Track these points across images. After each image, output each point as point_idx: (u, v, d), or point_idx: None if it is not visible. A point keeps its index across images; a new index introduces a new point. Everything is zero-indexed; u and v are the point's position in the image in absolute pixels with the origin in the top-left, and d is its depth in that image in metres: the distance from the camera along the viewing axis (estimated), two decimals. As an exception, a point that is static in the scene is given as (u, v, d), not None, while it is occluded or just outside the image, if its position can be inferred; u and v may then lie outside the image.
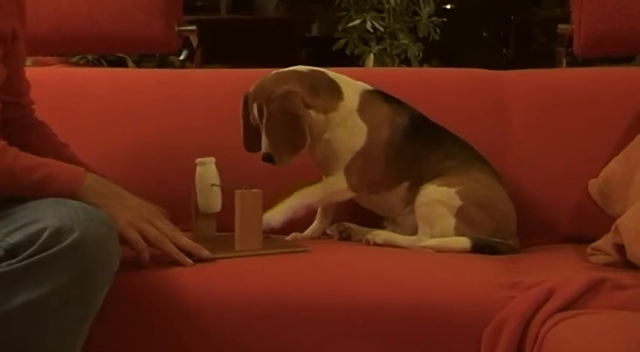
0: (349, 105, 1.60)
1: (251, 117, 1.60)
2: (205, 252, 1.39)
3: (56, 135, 1.58)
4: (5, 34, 1.37)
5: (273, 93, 1.55)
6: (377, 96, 1.63)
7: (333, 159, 1.60)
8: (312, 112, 1.57)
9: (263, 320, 1.30)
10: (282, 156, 1.56)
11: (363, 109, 1.61)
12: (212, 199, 1.57)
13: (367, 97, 1.62)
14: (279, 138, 1.55)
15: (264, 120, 1.55)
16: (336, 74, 1.64)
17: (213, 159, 1.58)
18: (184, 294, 1.32)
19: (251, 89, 1.59)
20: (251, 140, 1.61)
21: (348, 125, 1.60)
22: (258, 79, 1.60)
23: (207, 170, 1.57)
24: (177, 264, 1.36)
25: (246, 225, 1.45)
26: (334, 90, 1.61)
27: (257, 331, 1.30)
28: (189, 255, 1.38)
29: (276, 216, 1.56)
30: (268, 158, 1.57)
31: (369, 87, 1.65)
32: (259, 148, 1.59)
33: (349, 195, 1.62)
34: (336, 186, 1.60)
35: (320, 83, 1.60)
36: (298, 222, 1.67)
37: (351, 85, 1.63)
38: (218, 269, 1.37)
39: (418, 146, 1.61)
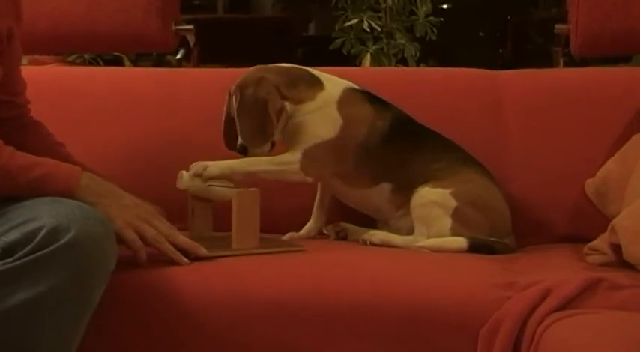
0: (329, 96, 1.60)
1: (231, 111, 1.60)
2: (202, 250, 1.39)
3: (52, 134, 1.58)
4: (1, 33, 1.37)
5: (248, 81, 1.56)
6: (361, 96, 1.63)
7: (295, 140, 1.58)
8: (287, 104, 1.57)
9: (259, 319, 1.30)
10: (254, 144, 1.55)
11: (342, 103, 1.60)
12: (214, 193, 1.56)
13: (350, 94, 1.62)
14: (249, 125, 1.55)
15: (236, 108, 1.56)
16: (320, 73, 1.64)
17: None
18: (181, 293, 1.32)
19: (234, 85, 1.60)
20: (230, 136, 1.60)
21: (323, 113, 1.59)
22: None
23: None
24: (174, 263, 1.36)
25: (243, 224, 1.45)
26: (314, 84, 1.61)
27: (253, 330, 1.30)
28: (186, 254, 1.38)
29: (214, 168, 1.53)
30: (242, 149, 1.57)
31: (355, 85, 1.64)
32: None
33: (298, 177, 1.57)
34: (288, 164, 1.56)
35: (300, 77, 1.61)
36: (294, 222, 1.67)
37: (334, 81, 1.63)
38: (215, 269, 1.37)
39: (398, 150, 1.60)
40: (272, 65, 1.63)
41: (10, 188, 1.30)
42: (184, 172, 1.55)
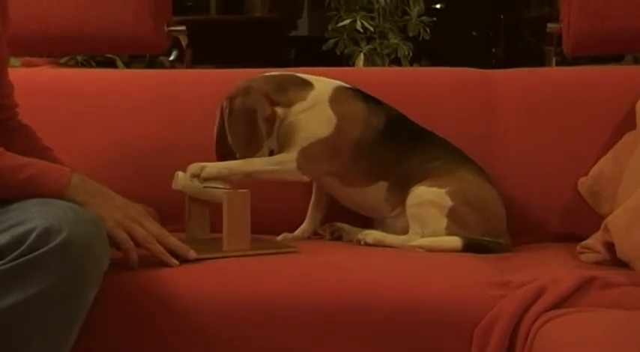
0: (320, 94, 1.60)
1: (224, 125, 1.59)
2: (192, 253, 1.38)
3: (40, 138, 1.57)
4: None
5: (235, 91, 1.57)
6: (353, 94, 1.63)
7: (291, 139, 1.58)
8: (278, 109, 1.57)
9: (250, 320, 1.29)
10: (246, 155, 1.55)
11: (334, 101, 1.60)
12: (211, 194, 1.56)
13: (341, 92, 1.62)
14: (239, 135, 1.55)
15: (226, 120, 1.56)
16: (310, 75, 1.64)
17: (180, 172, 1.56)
18: (172, 294, 1.31)
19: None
20: (223, 149, 1.60)
21: (315, 111, 1.59)
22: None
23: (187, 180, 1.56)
24: (163, 264, 1.36)
25: (234, 226, 1.45)
26: (304, 86, 1.61)
27: (244, 332, 1.29)
28: (176, 256, 1.37)
29: (212, 169, 1.54)
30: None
31: (346, 84, 1.64)
32: (230, 154, 1.58)
33: (296, 176, 1.58)
34: (285, 164, 1.57)
35: (288, 82, 1.61)
36: (290, 223, 1.67)
37: (324, 81, 1.64)
38: (206, 270, 1.36)
39: (394, 148, 1.60)
40: (259, 75, 1.63)
41: (0, 189, 1.29)
42: (180, 173, 1.55)
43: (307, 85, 1.61)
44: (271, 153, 1.58)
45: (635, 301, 1.23)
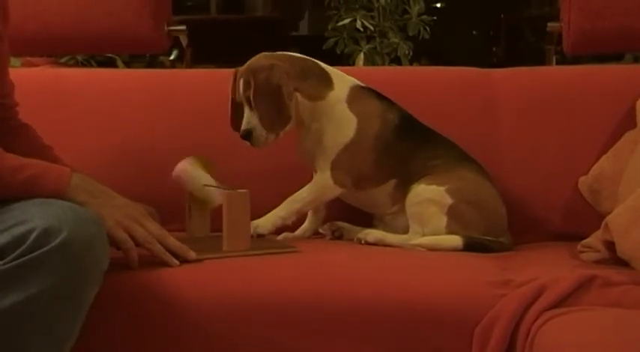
0: (338, 95, 1.61)
1: (237, 94, 1.60)
2: (191, 254, 1.38)
3: (41, 137, 1.57)
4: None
5: (259, 66, 1.56)
6: (368, 92, 1.64)
7: (320, 153, 1.60)
8: (298, 95, 1.58)
9: (250, 320, 1.29)
10: (274, 129, 1.56)
11: (352, 101, 1.61)
12: (209, 195, 1.56)
13: (358, 91, 1.63)
14: (264, 111, 1.55)
15: (250, 94, 1.56)
16: (328, 66, 1.64)
17: (189, 160, 1.56)
18: (173, 294, 1.31)
19: (242, 67, 1.60)
20: (238, 119, 1.60)
21: (336, 116, 1.60)
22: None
23: (191, 173, 1.56)
24: (163, 264, 1.36)
25: (234, 226, 1.45)
26: (324, 79, 1.62)
27: (245, 331, 1.29)
28: (176, 255, 1.37)
29: (266, 224, 1.57)
30: (247, 134, 1.56)
31: (360, 83, 1.65)
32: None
33: (337, 191, 1.61)
34: (323, 185, 1.60)
35: (310, 69, 1.61)
36: (292, 222, 1.67)
37: (342, 77, 1.64)
38: (207, 270, 1.36)
39: (407, 145, 1.61)
40: (282, 52, 1.62)
41: (0, 189, 1.29)
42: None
43: (327, 81, 1.61)
44: (277, 136, 1.57)
45: (636, 300, 1.23)
